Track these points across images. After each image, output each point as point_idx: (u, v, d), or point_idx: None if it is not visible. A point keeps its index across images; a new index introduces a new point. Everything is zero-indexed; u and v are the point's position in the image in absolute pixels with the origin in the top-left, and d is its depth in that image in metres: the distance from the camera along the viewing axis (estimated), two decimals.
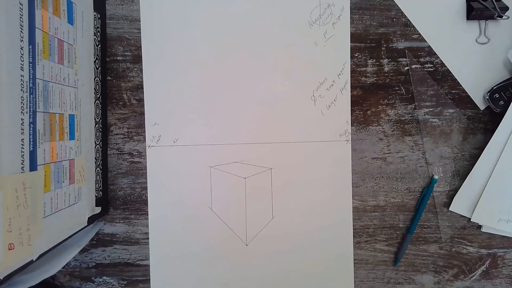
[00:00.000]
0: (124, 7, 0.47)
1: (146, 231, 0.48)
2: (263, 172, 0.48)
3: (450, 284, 0.50)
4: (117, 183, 0.48)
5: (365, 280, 0.50)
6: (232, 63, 0.47)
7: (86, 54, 0.42)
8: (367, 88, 0.48)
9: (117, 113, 0.48)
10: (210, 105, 0.47)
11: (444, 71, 0.49)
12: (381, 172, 0.49)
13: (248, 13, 0.47)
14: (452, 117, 0.49)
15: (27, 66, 0.32)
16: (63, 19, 0.37)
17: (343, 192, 0.48)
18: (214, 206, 0.48)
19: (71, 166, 0.39)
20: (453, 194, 0.49)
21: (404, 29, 0.48)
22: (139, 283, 0.49)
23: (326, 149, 0.48)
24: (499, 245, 0.49)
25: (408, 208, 0.49)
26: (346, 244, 0.49)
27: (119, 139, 0.48)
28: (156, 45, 0.47)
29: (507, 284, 0.50)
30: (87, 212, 0.42)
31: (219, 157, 0.48)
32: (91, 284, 0.49)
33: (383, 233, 0.49)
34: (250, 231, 0.48)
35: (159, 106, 0.47)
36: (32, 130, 0.32)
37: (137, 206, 0.48)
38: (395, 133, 0.49)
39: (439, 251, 0.49)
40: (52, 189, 0.36)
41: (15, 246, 0.30)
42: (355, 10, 0.48)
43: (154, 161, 0.47)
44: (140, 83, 0.47)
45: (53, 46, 0.36)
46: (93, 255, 0.48)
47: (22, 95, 0.31)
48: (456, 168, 0.49)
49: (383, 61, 0.48)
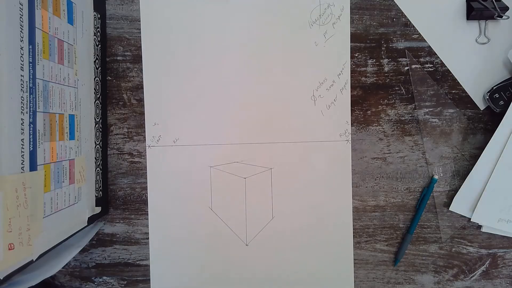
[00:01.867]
0: (124, 7, 0.47)
1: (146, 231, 0.48)
2: (263, 172, 0.48)
3: (450, 284, 0.50)
4: (117, 183, 0.48)
5: (365, 280, 0.50)
6: (232, 63, 0.47)
7: (86, 54, 0.42)
8: (367, 88, 0.48)
9: (117, 113, 0.48)
10: (210, 105, 0.47)
11: (444, 71, 0.49)
12: (381, 172, 0.49)
13: (248, 13, 0.47)
14: (452, 117, 0.49)
15: (27, 66, 0.32)
16: (63, 19, 0.37)
17: (343, 192, 0.48)
18: (214, 206, 0.48)
19: (71, 166, 0.39)
20: (453, 194, 0.49)
21: (404, 29, 0.48)
22: (139, 283, 0.49)
23: (326, 149, 0.48)
24: (499, 245, 0.49)
25: (408, 208, 0.49)
26: (346, 244, 0.49)
27: (119, 139, 0.48)
28: (156, 45, 0.47)
29: (507, 284, 0.50)
30: (87, 212, 0.42)
31: (219, 157, 0.48)
32: (91, 284, 0.49)
33: (383, 233, 0.49)
34: (250, 231, 0.48)
35: (159, 106, 0.47)
36: (32, 130, 0.32)
37: (137, 206, 0.48)
38: (395, 133, 0.49)
39: (439, 251, 0.49)
40: (52, 189, 0.36)
41: (15, 246, 0.30)
42: (355, 10, 0.48)
43: (154, 161, 0.47)
44: (140, 83, 0.47)
45: (53, 46, 0.36)
46: (93, 255, 0.48)
47: (22, 95, 0.31)
48: (456, 168, 0.49)
49: (383, 61, 0.48)
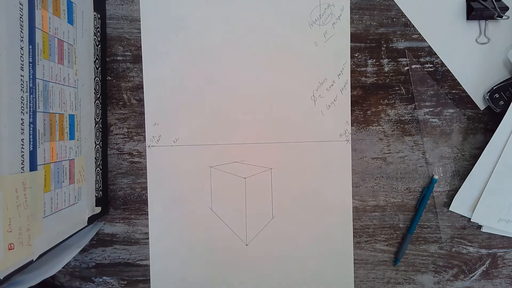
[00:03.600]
0: (124, 7, 0.47)
1: (146, 231, 0.48)
2: (263, 172, 0.48)
3: (450, 284, 0.50)
4: (117, 183, 0.48)
5: (365, 280, 0.50)
6: (232, 63, 0.47)
7: (86, 54, 0.42)
8: (367, 88, 0.48)
9: (117, 113, 0.48)
10: (210, 105, 0.47)
11: (444, 71, 0.49)
12: (381, 172, 0.49)
13: (248, 13, 0.47)
14: (452, 117, 0.49)
15: (27, 66, 0.32)
16: (63, 19, 0.37)
17: (343, 192, 0.48)
18: (214, 206, 0.48)
19: (71, 166, 0.39)
20: (453, 194, 0.49)
21: (404, 29, 0.48)
22: (139, 283, 0.49)
23: (326, 149, 0.48)
24: (499, 245, 0.49)
25: (408, 208, 0.49)
26: (346, 244, 0.49)
27: (119, 139, 0.48)
28: (156, 45, 0.47)
29: (507, 284, 0.50)
30: (87, 212, 0.42)
31: (219, 157, 0.48)
32: (91, 284, 0.49)
33: (383, 233, 0.49)
34: (250, 231, 0.48)
35: (159, 106, 0.47)
36: (32, 130, 0.32)
37: (137, 206, 0.48)
38: (395, 133, 0.49)
39: (439, 251, 0.49)
40: (52, 189, 0.36)
41: (15, 246, 0.30)
42: (355, 10, 0.48)
43: (154, 161, 0.47)
44: (140, 83, 0.47)
45: (53, 46, 0.36)
46: (93, 255, 0.48)
47: (22, 95, 0.31)
48: (456, 168, 0.49)
49: (383, 61, 0.48)
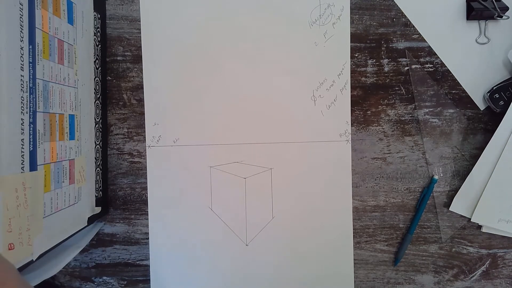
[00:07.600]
0: (124, 7, 0.47)
1: (146, 231, 0.48)
2: (263, 172, 0.48)
3: (450, 284, 0.50)
4: (117, 183, 0.48)
5: (365, 280, 0.50)
6: (232, 63, 0.47)
7: (86, 54, 0.42)
8: (367, 88, 0.48)
9: (117, 113, 0.48)
10: (210, 105, 0.47)
11: (444, 71, 0.49)
12: (381, 172, 0.49)
13: (248, 13, 0.47)
14: (452, 117, 0.49)
15: (27, 66, 0.32)
16: (63, 19, 0.37)
17: (343, 192, 0.48)
18: (214, 206, 0.48)
19: (71, 166, 0.39)
20: (453, 194, 0.49)
21: (404, 29, 0.48)
22: (139, 283, 0.49)
23: (326, 149, 0.48)
24: (499, 245, 0.49)
25: (408, 208, 0.49)
26: (346, 244, 0.49)
27: (119, 139, 0.48)
28: (156, 45, 0.47)
29: (507, 284, 0.50)
30: (87, 212, 0.42)
31: (219, 157, 0.48)
32: (91, 284, 0.49)
33: (383, 233, 0.49)
34: (250, 231, 0.48)
35: (159, 106, 0.47)
36: (32, 130, 0.32)
37: (137, 206, 0.48)
38: (395, 133, 0.49)
39: (439, 251, 0.49)
40: (52, 189, 0.36)
41: (15, 246, 0.30)
42: (355, 10, 0.48)
43: (154, 161, 0.47)
44: (140, 83, 0.47)
45: (53, 46, 0.36)
46: (93, 255, 0.48)
47: (22, 95, 0.31)
48: (456, 168, 0.49)
49: (383, 61, 0.48)
